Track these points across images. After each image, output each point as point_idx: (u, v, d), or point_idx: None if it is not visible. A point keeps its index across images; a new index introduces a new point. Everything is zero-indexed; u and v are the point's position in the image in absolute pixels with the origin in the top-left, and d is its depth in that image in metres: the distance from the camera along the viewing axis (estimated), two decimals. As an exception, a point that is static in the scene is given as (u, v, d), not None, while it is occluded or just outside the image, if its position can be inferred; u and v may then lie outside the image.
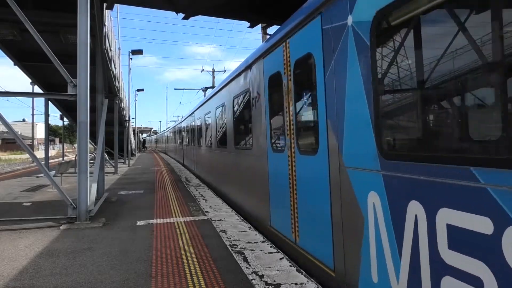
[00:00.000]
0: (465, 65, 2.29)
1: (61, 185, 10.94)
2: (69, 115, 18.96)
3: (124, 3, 8.25)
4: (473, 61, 2.23)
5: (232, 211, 7.36)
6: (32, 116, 35.86)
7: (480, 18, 2.16)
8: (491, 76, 2.12)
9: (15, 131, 6.98)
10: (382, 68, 2.80)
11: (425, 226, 2.36)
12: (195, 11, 7.57)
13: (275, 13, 7.80)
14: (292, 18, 4.42)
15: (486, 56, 2.12)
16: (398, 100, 2.92)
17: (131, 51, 26.55)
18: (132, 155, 34.30)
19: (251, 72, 6.15)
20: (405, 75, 2.70)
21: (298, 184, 4.29)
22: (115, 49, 16.42)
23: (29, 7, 8.23)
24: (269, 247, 4.83)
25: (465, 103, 2.33)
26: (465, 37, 2.22)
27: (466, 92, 2.31)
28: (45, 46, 6.55)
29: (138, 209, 7.89)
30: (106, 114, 9.57)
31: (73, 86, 6.66)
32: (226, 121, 8.37)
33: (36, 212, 7.61)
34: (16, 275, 4.08)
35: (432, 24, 2.47)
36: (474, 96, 2.28)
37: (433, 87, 2.50)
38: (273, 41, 5.00)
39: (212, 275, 3.94)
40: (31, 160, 24.92)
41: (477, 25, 2.19)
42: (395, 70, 2.78)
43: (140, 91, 41.82)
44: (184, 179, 13.90)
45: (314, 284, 3.60)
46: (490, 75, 2.14)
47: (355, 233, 3.13)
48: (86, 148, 6.78)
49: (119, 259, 4.57)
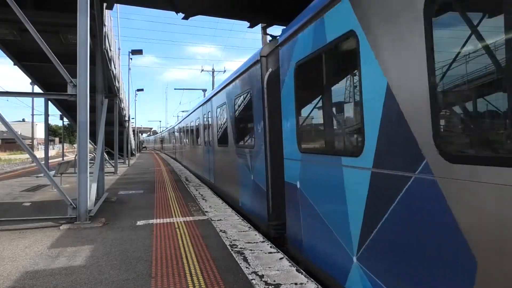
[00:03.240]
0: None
1: (61, 185, 10.93)
2: (69, 115, 18.96)
3: (124, 3, 8.25)
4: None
5: (232, 211, 7.36)
6: (32, 116, 35.79)
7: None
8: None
9: (15, 131, 6.98)
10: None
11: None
12: (195, 11, 7.57)
13: (275, 13, 7.80)
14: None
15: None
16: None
17: (131, 51, 26.53)
18: (132, 155, 34.29)
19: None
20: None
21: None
22: (115, 49, 16.42)
23: (29, 7, 8.23)
24: (269, 247, 4.83)
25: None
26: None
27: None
28: (45, 46, 6.54)
29: (138, 209, 7.89)
30: (106, 114, 9.56)
31: (73, 86, 6.66)
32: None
33: (36, 212, 7.61)
34: (16, 275, 4.08)
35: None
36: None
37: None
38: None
39: (212, 275, 3.94)
40: (31, 160, 24.92)
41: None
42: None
43: (140, 91, 41.86)
44: (184, 179, 13.90)
45: (314, 284, 3.60)
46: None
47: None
48: (86, 148, 6.78)
49: (119, 259, 4.57)
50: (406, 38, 2.58)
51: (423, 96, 2.42)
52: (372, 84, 2.97)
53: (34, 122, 37.44)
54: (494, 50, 2.13)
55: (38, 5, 8.51)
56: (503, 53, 2.05)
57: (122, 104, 22.49)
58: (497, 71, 2.16)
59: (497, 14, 2.18)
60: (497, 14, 2.18)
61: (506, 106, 2.06)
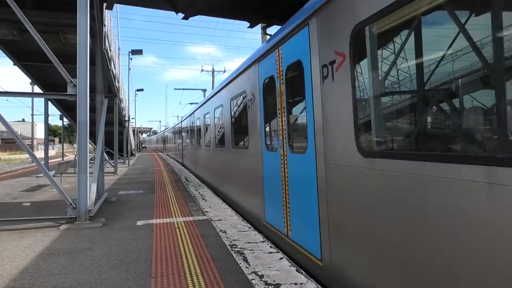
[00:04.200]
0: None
1: (60, 185, 10.93)
2: (69, 115, 18.95)
3: (124, 3, 8.23)
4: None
5: (232, 211, 7.36)
6: (31, 116, 35.73)
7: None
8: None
9: (15, 131, 6.98)
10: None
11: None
12: (195, 11, 7.56)
13: (275, 13, 7.80)
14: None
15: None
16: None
17: (131, 51, 26.56)
18: (131, 155, 34.29)
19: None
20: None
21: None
22: (115, 49, 16.42)
23: (29, 7, 8.24)
24: (269, 247, 4.84)
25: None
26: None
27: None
28: (45, 46, 6.54)
29: (138, 209, 7.89)
30: (106, 114, 9.57)
31: (73, 86, 6.66)
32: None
33: (36, 212, 7.61)
34: (16, 275, 4.08)
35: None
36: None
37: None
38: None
39: (212, 275, 3.94)
40: (31, 160, 24.93)
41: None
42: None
43: (139, 91, 41.84)
44: (184, 179, 13.90)
45: (314, 284, 3.60)
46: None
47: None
48: (86, 148, 6.78)
49: (119, 259, 4.57)
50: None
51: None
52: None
53: (34, 122, 37.41)
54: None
55: (38, 5, 8.51)
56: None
57: (122, 104, 22.49)
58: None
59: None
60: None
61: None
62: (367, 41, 3.11)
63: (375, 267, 3.00)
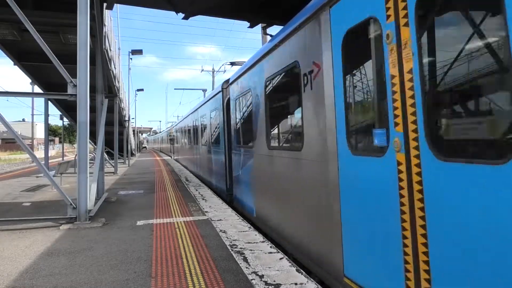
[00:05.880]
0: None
1: (60, 185, 10.93)
2: (69, 115, 18.95)
3: (124, 3, 8.24)
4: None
5: (232, 211, 7.36)
6: (32, 116, 35.81)
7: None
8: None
9: (15, 131, 6.98)
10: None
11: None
12: (195, 11, 7.57)
13: (275, 13, 7.80)
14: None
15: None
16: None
17: (131, 51, 26.57)
18: (132, 155, 34.29)
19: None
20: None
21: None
22: (115, 49, 16.42)
23: (29, 7, 8.24)
24: (269, 247, 4.83)
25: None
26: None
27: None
28: (45, 46, 6.54)
29: (138, 209, 7.89)
30: (106, 114, 9.57)
31: (73, 86, 6.66)
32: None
33: (36, 212, 7.61)
34: (16, 275, 4.08)
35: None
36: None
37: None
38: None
39: (212, 275, 3.94)
40: (31, 160, 24.91)
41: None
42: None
43: (140, 91, 41.86)
44: (184, 179, 13.90)
45: (314, 284, 3.60)
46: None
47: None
48: (86, 148, 6.78)
49: (119, 259, 4.57)
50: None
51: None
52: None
53: (34, 122, 37.45)
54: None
55: (38, 5, 8.52)
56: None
57: (122, 104, 22.49)
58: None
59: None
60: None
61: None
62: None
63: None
